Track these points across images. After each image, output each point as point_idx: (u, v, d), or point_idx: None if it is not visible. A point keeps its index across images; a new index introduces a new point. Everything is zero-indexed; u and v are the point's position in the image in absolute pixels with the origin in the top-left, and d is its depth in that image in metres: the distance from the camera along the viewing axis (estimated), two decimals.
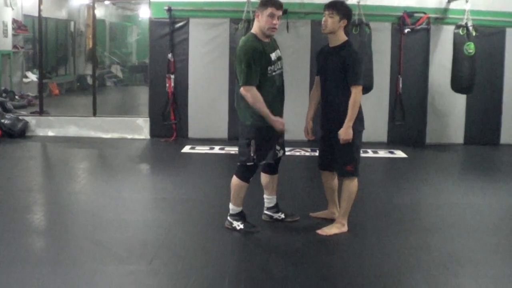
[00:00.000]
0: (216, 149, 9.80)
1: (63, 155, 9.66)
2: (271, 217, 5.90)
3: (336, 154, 5.53)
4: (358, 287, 4.45)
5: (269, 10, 5.17)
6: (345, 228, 5.60)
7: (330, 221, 5.78)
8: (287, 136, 5.63)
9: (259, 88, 5.18)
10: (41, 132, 10.89)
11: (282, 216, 5.90)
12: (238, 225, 5.52)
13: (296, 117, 6.19)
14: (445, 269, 4.72)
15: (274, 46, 5.41)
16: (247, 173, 5.43)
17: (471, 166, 9.53)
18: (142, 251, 4.99)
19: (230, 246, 5.25)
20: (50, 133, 10.87)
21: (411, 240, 5.44)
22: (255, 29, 5.32)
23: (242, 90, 5.17)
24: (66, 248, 5.12)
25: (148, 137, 10.78)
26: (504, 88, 10.65)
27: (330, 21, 5.32)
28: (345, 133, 5.30)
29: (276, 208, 5.89)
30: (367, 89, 9.43)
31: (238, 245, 5.32)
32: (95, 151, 9.97)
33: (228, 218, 5.60)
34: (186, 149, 9.85)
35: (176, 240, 5.33)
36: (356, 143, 5.44)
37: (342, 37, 5.41)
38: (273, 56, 5.30)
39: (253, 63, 5.11)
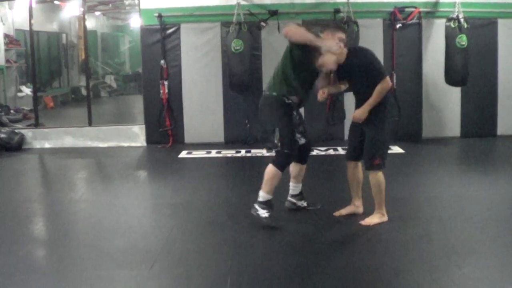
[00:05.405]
0: (213, 153, 9.79)
1: (61, 166, 9.63)
2: (294, 204, 6.03)
3: (365, 147, 5.66)
4: (362, 281, 4.45)
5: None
6: (385, 218, 5.71)
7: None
8: None
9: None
10: (37, 144, 10.87)
11: (305, 204, 6.05)
12: (264, 213, 5.52)
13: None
14: (448, 260, 4.70)
15: None
16: (283, 161, 5.53)
17: (469, 159, 9.52)
18: (143, 256, 4.98)
19: (232, 248, 5.19)
20: (47, 145, 10.86)
21: (412, 232, 5.45)
22: None
23: None
24: (67, 256, 5.11)
25: (145, 144, 10.77)
26: (498, 79, 10.63)
27: None
28: (359, 113, 5.54)
29: (300, 196, 6.04)
30: None
31: (240, 246, 5.24)
32: (92, 160, 9.98)
33: (255, 205, 5.59)
34: (183, 154, 9.83)
35: (177, 244, 5.32)
36: (384, 137, 5.61)
37: None
38: None
39: None
